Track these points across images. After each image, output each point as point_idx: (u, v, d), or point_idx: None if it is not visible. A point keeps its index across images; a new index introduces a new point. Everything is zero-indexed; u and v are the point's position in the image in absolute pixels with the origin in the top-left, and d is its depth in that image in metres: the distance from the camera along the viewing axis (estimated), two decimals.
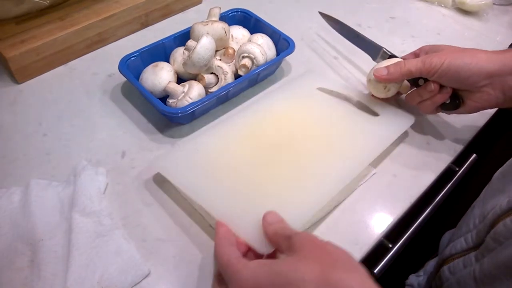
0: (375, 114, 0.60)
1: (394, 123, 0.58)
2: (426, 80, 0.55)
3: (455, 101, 0.55)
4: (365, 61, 0.65)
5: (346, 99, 0.62)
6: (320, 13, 0.70)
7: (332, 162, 0.53)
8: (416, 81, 0.56)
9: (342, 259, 0.34)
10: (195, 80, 0.59)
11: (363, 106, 0.61)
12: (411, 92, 0.57)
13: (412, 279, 0.67)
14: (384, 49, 0.61)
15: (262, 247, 0.41)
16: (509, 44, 0.77)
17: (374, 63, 0.61)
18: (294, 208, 0.46)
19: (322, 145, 0.55)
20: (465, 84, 0.52)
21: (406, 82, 0.58)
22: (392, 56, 0.61)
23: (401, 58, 0.59)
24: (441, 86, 0.54)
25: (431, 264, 0.66)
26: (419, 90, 0.55)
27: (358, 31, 0.65)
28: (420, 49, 0.59)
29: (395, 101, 0.63)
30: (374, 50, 0.63)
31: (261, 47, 0.62)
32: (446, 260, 0.55)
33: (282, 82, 0.66)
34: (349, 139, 0.56)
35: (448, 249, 0.55)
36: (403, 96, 0.61)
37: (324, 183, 0.50)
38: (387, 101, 0.61)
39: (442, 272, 0.54)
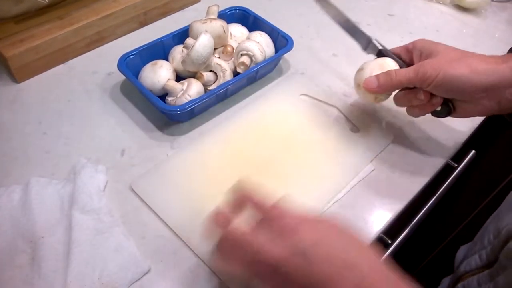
0: (355, 129, 0.59)
1: (372, 141, 0.58)
2: None
3: (446, 108, 0.52)
4: (365, 59, 0.65)
5: (329, 108, 0.61)
6: None
7: (309, 183, 0.53)
8: None
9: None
10: (194, 78, 0.59)
11: (345, 118, 0.61)
12: (399, 95, 0.54)
13: None
14: (374, 41, 0.57)
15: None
16: (508, 42, 0.77)
17: (365, 57, 0.58)
18: None
19: (303, 162, 0.55)
20: (460, 95, 0.49)
21: None
22: (383, 51, 0.56)
23: (392, 50, 0.56)
24: (432, 95, 0.51)
25: (445, 282, 0.64)
26: (408, 95, 0.52)
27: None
28: (413, 44, 0.54)
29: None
30: (364, 41, 0.59)
31: (259, 45, 0.62)
32: (460, 277, 0.53)
33: (280, 80, 0.66)
34: (327, 157, 0.55)
35: (463, 266, 0.53)
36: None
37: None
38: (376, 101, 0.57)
39: None
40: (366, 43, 0.58)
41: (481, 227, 0.57)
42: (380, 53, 0.56)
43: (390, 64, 0.54)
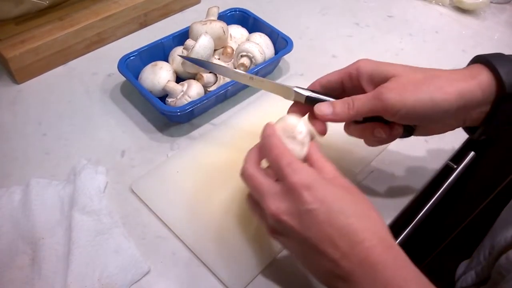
0: None
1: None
2: None
3: (407, 134, 0.45)
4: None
5: None
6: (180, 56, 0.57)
7: None
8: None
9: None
10: (194, 79, 0.59)
11: None
12: (352, 128, 0.46)
13: None
14: (296, 89, 0.46)
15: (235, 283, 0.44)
16: (507, 43, 0.77)
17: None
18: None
19: None
20: (428, 121, 0.43)
21: None
22: (312, 98, 0.45)
23: (330, 77, 0.47)
24: (392, 125, 0.43)
25: None
26: (364, 131, 0.44)
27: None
28: (357, 68, 0.44)
29: None
30: (286, 91, 0.47)
31: (259, 46, 0.62)
32: None
33: (280, 81, 0.67)
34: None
35: (459, 283, 0.53)
36: None
37: None
38: None
39: None
40: (290, 93, 0.47)
41: (481, 227, 0.57)
42: (310, 100, 0.45)
43: (293, 125, 0.42)
